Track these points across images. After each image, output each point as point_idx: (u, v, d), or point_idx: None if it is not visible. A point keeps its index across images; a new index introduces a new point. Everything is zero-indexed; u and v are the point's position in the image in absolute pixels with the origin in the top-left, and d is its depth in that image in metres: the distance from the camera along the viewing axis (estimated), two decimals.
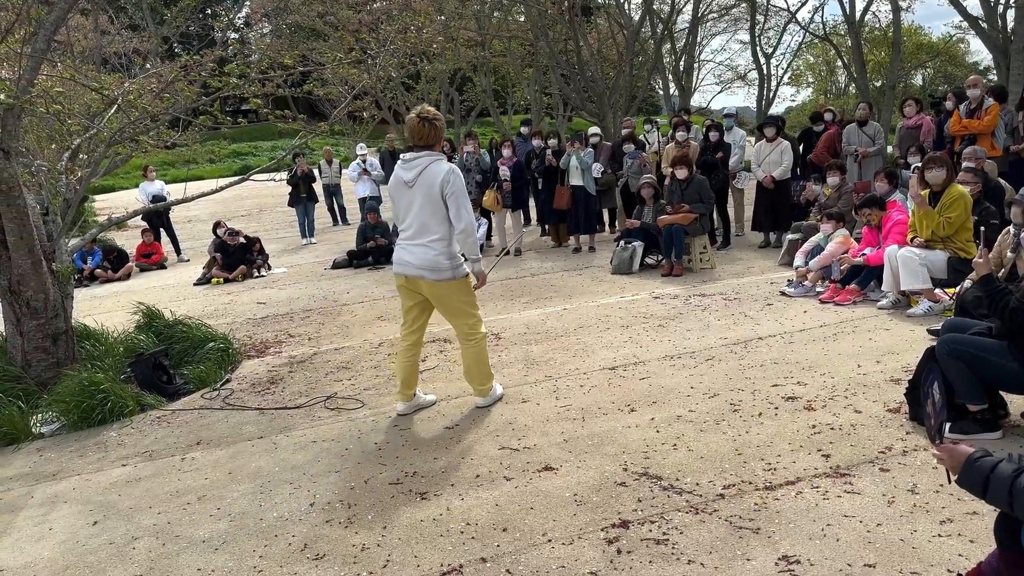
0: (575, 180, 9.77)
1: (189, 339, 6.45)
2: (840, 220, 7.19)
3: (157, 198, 12.47)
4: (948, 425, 3.66)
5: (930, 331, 5.46)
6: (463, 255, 4.55)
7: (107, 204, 22.33)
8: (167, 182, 15.41)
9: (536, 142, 10.54)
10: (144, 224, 13.12)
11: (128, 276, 11.90)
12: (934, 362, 3.69)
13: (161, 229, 13.27)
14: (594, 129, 11.56)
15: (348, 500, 3.67)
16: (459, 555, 3.07)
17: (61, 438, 5.06)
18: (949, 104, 8.88)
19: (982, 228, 4.43)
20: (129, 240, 13.04)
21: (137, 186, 14.12)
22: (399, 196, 4.52)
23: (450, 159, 11.92)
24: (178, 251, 13.36)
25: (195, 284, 10.62)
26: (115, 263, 12.04)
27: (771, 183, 8.89)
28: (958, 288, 5.43)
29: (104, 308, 9.30)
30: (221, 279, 10.57)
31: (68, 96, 6.32)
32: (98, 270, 11.76)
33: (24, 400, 5.32)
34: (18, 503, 4.09)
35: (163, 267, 12.68)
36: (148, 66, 7.46)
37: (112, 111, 6.18)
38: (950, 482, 2.24)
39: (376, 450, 4.24)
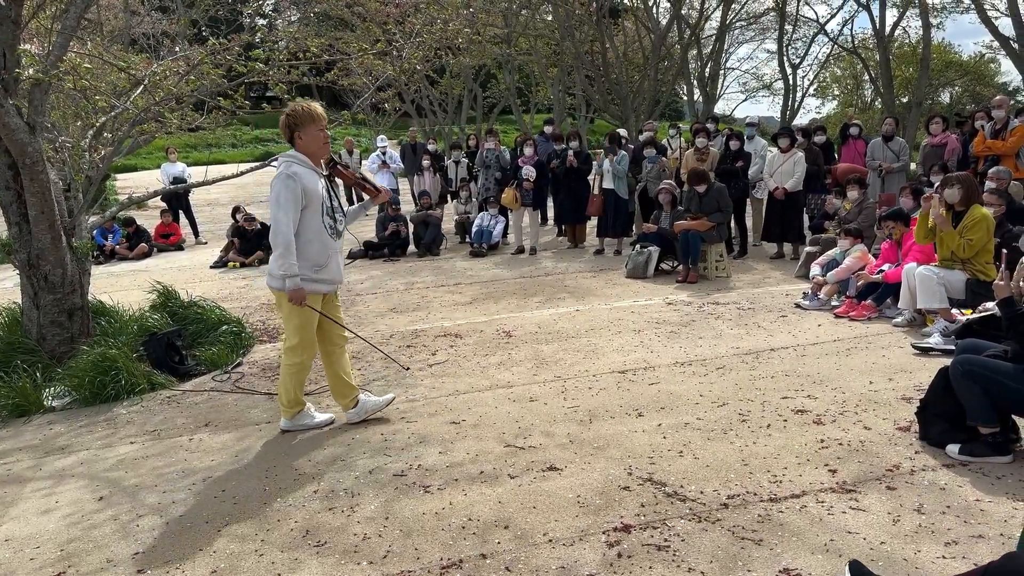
0: (607, 183, 9.82)
1: (203, 321, 6.50)
2: (858, 236, 7.14)
3: (178, 180, 12.57)
4: (958, 446, 3.60)
5: (915, 346, 5.47)
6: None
7: (128, 183, 22.50)
8: (189, 164, 15.49)
9: (558, 146, 10.49)
10: (163, 205, 13.24)
11: (142, 256, 11.98)
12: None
13: (180, 211, 13.37)
14: (622, 131, 11.58)
15: (352, 489, 3.68)
16: (459, 550, 3.07)
17: (71, 412, 5.11)
18: (979, 123, 8.78)
19: (1004, 251, 4.38)
20: (148, 220, 13.14)
21: (159, 167, 14.23)
22: None
23: (471, 155, 11.95)
24: (196, 233, 13.46)
25: (211, 267, 10.69)
26: (132, 239, 12.14)
27: (782, 195, 8.79)
28: (978, 309, 5.37)
29: (121, 286, 9.37)
30: (238, 263, 10.64)
31: (95, 74, 6.36)
32: (117, 247, 11.91)
33: (38, 373, 5.37)
34: (26, 475, 4.14)
35: (181, 248, 12.77)
36: (176, 48, 7.50)
37: (138, 91, 6.22)
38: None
39: (382, 441, 4.25)
